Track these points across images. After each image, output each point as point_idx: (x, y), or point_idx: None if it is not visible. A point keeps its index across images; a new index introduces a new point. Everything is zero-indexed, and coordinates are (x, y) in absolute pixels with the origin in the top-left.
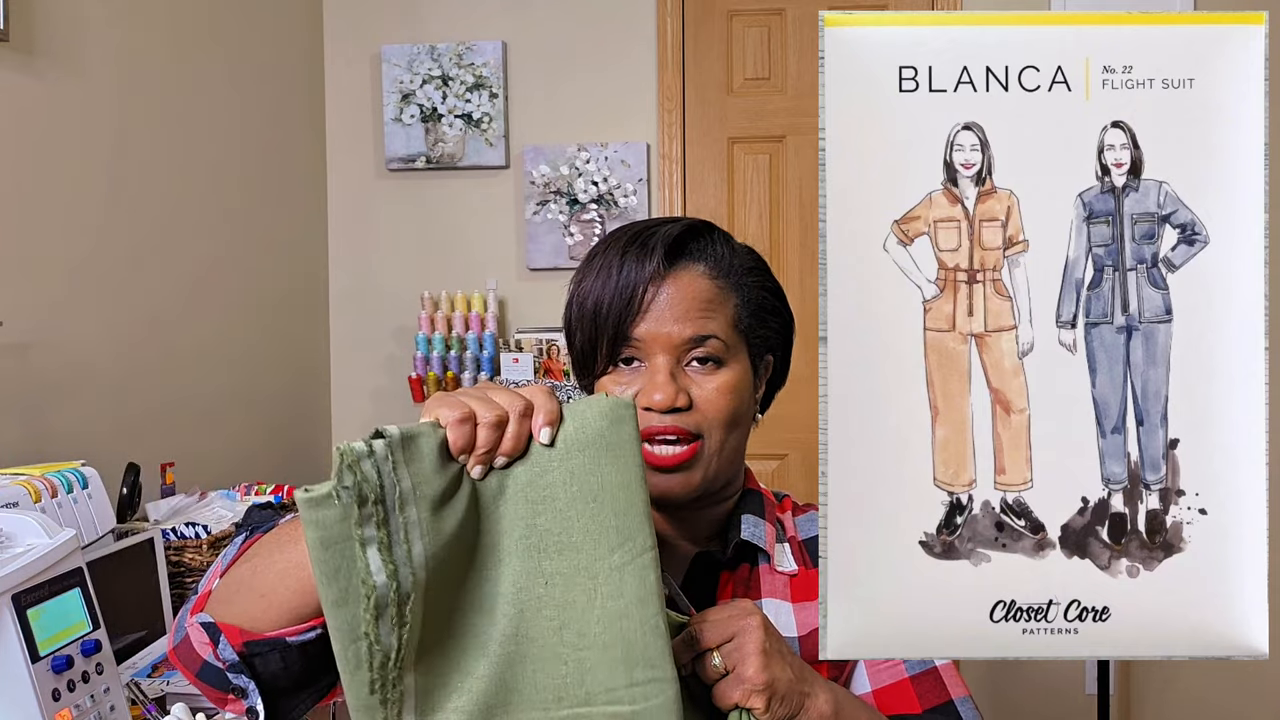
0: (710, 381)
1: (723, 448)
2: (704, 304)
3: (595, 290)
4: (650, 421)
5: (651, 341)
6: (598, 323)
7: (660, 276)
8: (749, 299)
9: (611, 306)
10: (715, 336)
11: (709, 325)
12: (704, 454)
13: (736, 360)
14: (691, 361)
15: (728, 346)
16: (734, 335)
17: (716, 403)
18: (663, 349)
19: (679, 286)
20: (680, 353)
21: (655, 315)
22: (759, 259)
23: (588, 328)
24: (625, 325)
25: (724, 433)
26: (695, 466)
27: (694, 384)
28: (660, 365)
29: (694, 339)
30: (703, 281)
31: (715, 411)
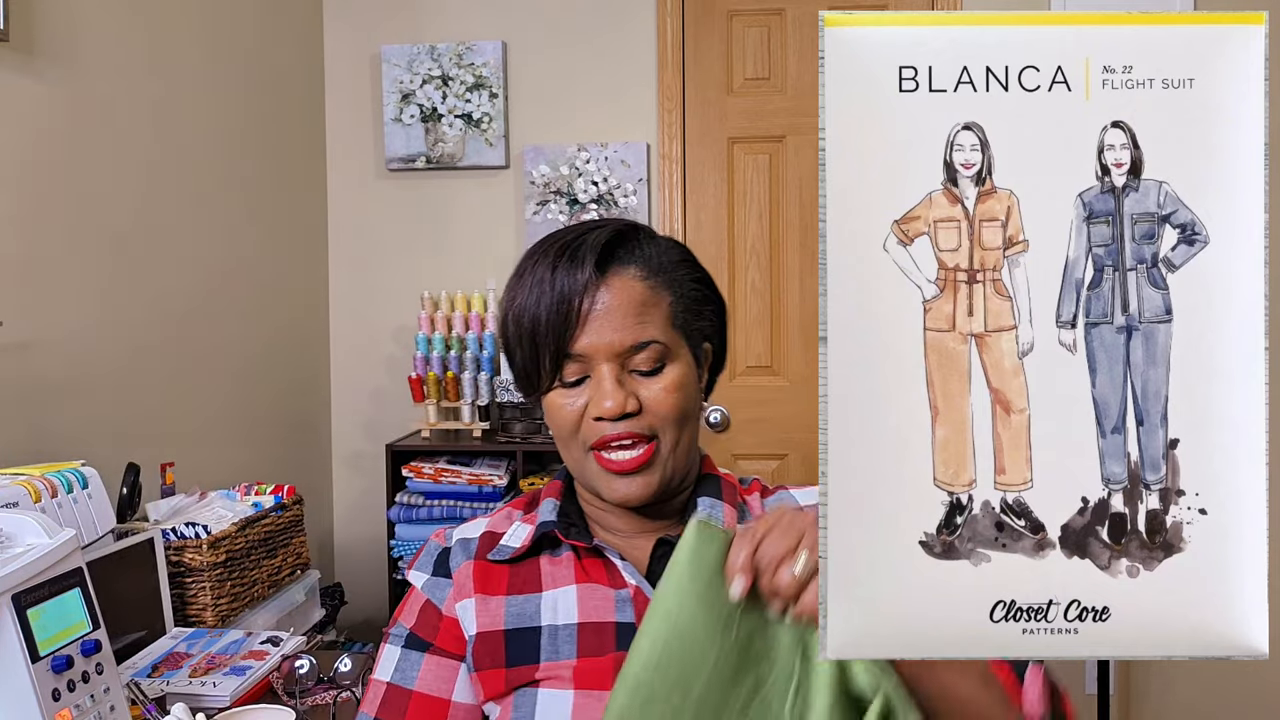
0: (656, 383)
1: (677, 445)
2: (640, 308)
3: (530, 306)
4: (604, 431)
5: (594, 354)
6: (537, 340)
7: (594, 285)
8: (682, 294)
9: (549, 322)
10: (655, 341)
11: (648, 330)
12: (660, 455)
13: (678, 357)
14: (635, 366)
15: (668, 346)
16: (672, 333)
17: (665, 403)
18: (605, 358)
19: (613, 293)
20: (623, 358)
21: (594, 327)
22: (685, 251)
23: (528, 346)
24: (565, 341)
25: (677, 431)
26: (653, 469)
27: (641, 387)
28: (605, 374)
29: (634, 345)
30: (636, 285)
31: (665, 411)
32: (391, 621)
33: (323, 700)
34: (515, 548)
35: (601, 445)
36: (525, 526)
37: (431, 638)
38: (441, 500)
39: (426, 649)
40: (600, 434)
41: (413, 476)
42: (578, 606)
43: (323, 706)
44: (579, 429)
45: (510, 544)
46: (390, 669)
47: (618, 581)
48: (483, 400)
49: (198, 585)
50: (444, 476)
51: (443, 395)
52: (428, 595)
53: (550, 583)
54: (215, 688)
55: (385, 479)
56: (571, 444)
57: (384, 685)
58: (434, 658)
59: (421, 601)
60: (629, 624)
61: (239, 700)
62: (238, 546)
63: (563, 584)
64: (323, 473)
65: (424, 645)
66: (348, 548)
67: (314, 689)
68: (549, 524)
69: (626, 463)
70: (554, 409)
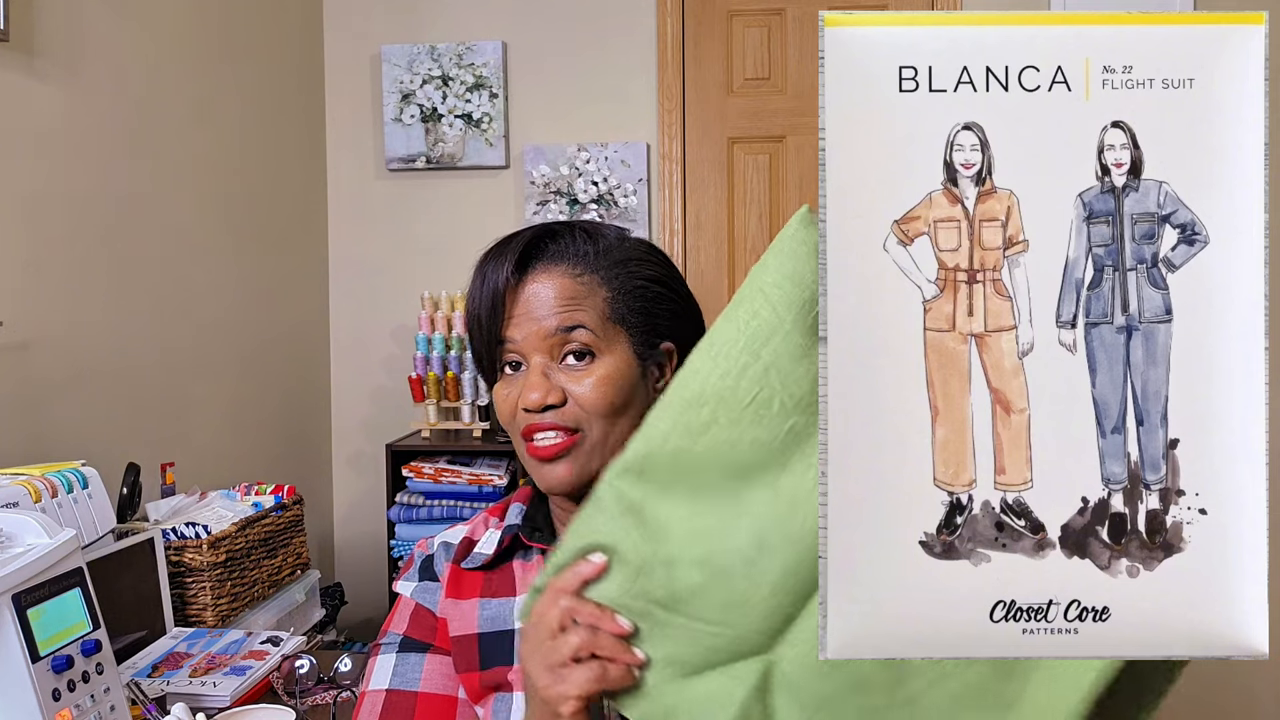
0: (585, 376)
1: (607, 439)
2: (566, 299)
3: (473, 303)
4: (530, 420)
5: (523, 342)
6: (479, 332)
7: (518, 279)
8: (623, 289)
9: (484, 316)
10: (582, 326)
11: (575, 316)
12: (584, 446)
13: (611, 351)
14: (567, 358)
15: (599, 337)
16: (607, 326)
17: (591, 396)
18: (535, 348)
19: (538, 286)
20: (552, 348)
21: (520, 316)
22: (646, 250)
23: (474, 338)
24: (496, 330)
25: (605, 424)
26: (574, 458)
27: (570, 380)
28: (534, 366)
29: (559, 329)
30: (562, 279)
31: (591, 405)
32: (380, 633)
33: (323, 700)
34: (486, 555)
35: (527, 435)
36: (496, 533)
37: (430, 638)
38: (441, 500)
39: (426, 649)
40: (527, 423)
41: (413, 476)
42: None
43: (323, 706)
44: (514, 418)
45: (483, 550)
46: (387, 676)
47: None
48: (483, 400)
49: (198, 585)
50: (444, 476)
51: (443, 395)
52: (418, 600)
53: (523, 586)
54: (215, 688)
55: (385, 479)
56: (513, 432)
57: (382, 694)
58: (436, 657)
59: (412, 607)
60: None
61: (239, 700)
62: (238, 546)
63: None
64: (323, 473)
65: (423, 647)
66: (348, 548)
67: (314, 689)
68: (514, 528)
69: (545, 449)
70: (498, 400)
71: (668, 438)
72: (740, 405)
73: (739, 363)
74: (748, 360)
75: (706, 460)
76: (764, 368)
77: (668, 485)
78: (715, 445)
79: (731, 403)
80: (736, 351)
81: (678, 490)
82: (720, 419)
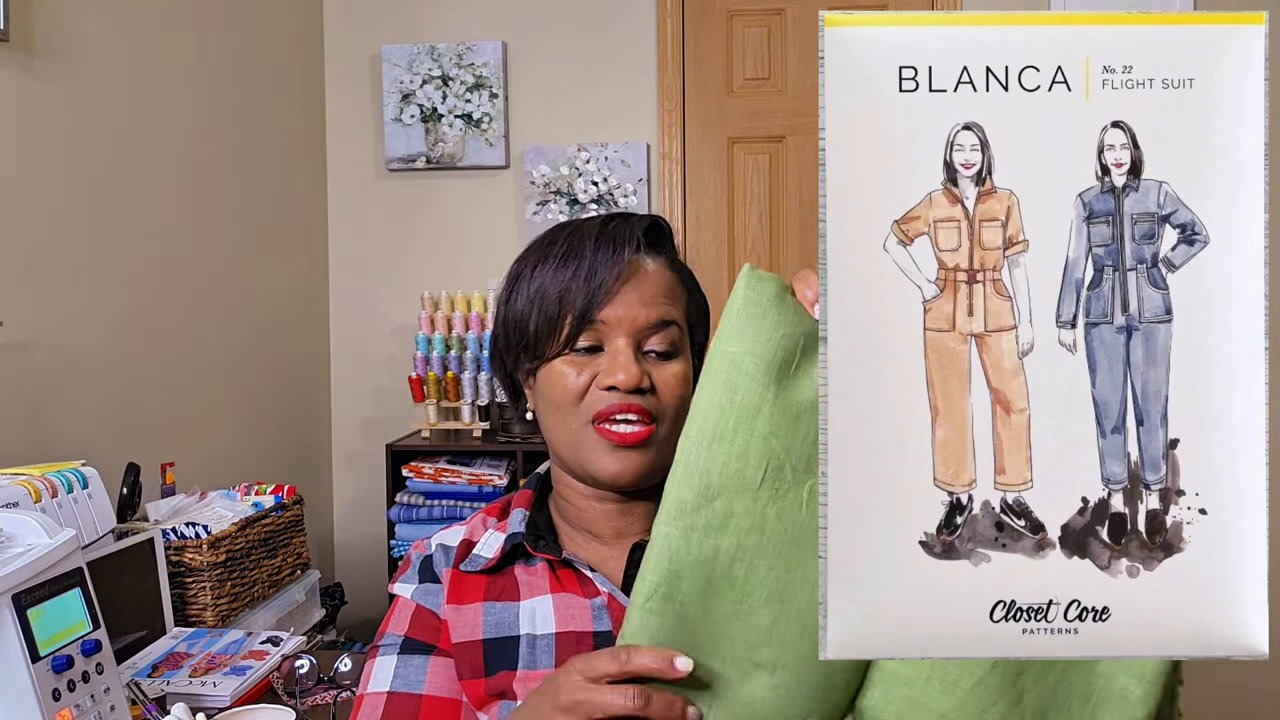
0: (668, 369)
1: (670, 438)
2: (668, 292)
3: (560, 277)
4: (611, 401)
5: (616, 324)
6: (563, 305)
7: (633, 264)
8: (693, 298)
9: (579, 293)
10: (675, 323)
11: (672, 312)
12: (657, 439)
13: (685, 354)
14: (650, 350)
15: (682, 336)
16: (686, 328)
17: (675, 389)
18: (626, 332)
19: (646, 274)
20: (641, 338)
21: (623, 300)
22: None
23: (550, 309)
24: (593, 310)
25: (673, 422)
26: (650, 449)
27: (654, 369)
28: (622, 347)
29: (659, 323)
30: (666, 272)
31: (672, 398)
32: (378, 635)
33: (323, 700)
34: (488, 558)
35: (605, 416)
36: (497, 535)
37: (433, 640)
38: (441, 500)
39: (430, 651)
40: (607, 403)
41: (413, 476)
42: (555, 616)
43: (323, 706)
44: (582, 399)
45: (483, 554)
46: (388, 679)
47: (590, 591)
48: (483, 400)
49: (198, 585)
50: (444, 476)
51: (443, 395)
52: (419, 602)
53: (527, 591)
54: (215, 688)
55: (385, 479)
56: (570, 415)
57: (383, 696)
58: (439, 659)
59: (413, 608)
60: (606, 632)
61: (239, 700)
62: (238, 546)
63: (539, 593)
64: (323, 473)
65: (426, 648)
66: (348, 548)
67: (314, 689)
68: (517, 535)
69: (629, 435)
70: (556, 377)
71: (688, 547)
72: (754, 486)
73: (738, 445)
74: (745, 438)
75: (737, 556)
76: (763, 438)
77: (704, 598)
78: (742, 535)
79: (745, 487)
80: (730, 432)
81: (718, 596)
82: (737, 508)
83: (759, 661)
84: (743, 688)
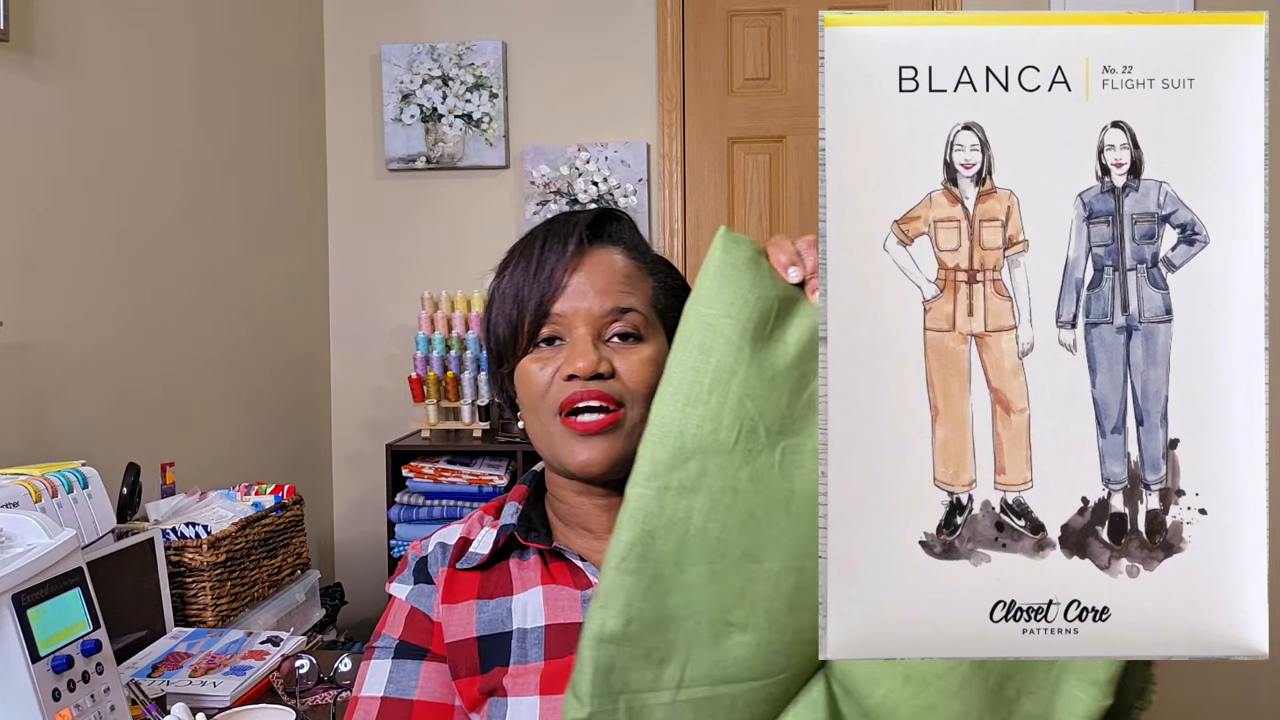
0: (633, 354)
1: (640, 423)
2: (623, 279)
3: (516, 280)
4: (573, 389)
5: (572, 316)
6: (520, 307)
7: (579, 256)
8: (664, 285)
9: (532, 290)
10: (635, 310)
11: (629, 299)
12: (625, 424)
13: (655, 338)
14: (613, 337)
15: (647, 322)
16: (652, 314)
17: (640, 373)
18: (583, 322)
19: (597, 263)
20: (601, 326)
21: (575, 291)
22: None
23: (509, 313)
24: (546, 304)
25: (643, 408)
26: (617, 435)
27: (617, 355)
28: (581, 336)
29: (614, 310)
30: (620, 260)
31: (637, 383)
32: (374, 636)
33: (323, 700)
34: (481, 554)
35: (569, 407)
36: (492, 531)
37: (426, 644)
38: (441, 500)
39: (423, 656)
40: (569, 393)
41: (413, 476)
42: (545, 608)
43: (323, 706)
44: (548, 391)
45: (478, 551)
46: (382, 682)
47: (581, 582)
48: (483, 400)
49: (198, 585)
50: (444, 476)
51: (443, 395)
52: (413, 604)
53: (520, 585)
54: (215, 688)
55: (385, 479)
56: (541, 410)
57: (376, 700)
58: (432, 664)
59: (407, 610)
60: None
61: (239, 700)
62: (238, 546)
63: (530, 586)
64: (323, 473)
65: (420, 653)
66: (348, 548)
67: (314, 689)
68: (509, 527)
69: (592, 424)
70: (525, 375)
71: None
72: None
73: (711, 406)
74: (720, 400)
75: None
76: (738, 400)
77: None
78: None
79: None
80: (705, 394)
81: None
82: (711, 468)
83: (733, 621)
84: (716, 647)
